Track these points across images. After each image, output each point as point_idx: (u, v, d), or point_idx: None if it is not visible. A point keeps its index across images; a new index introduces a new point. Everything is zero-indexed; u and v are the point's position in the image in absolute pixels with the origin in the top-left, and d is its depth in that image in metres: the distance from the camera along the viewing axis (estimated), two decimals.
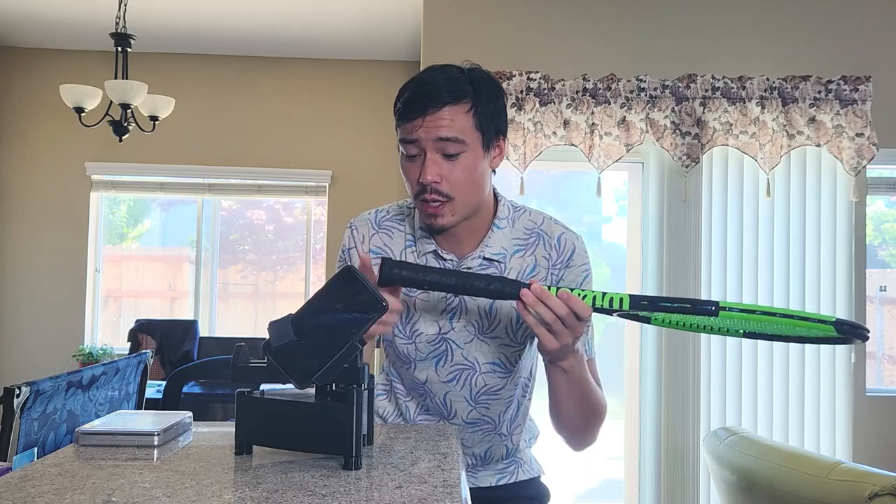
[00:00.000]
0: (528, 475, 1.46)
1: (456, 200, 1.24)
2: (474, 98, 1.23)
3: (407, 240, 1.36)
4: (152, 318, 4.80)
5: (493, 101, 1.26)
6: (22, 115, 4.96)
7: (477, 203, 1.28)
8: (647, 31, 3.54)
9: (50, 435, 1.66)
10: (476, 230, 1.32)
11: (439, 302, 1.32)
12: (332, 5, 4.20)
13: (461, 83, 1.23)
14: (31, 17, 4.47)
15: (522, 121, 3.32)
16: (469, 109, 1.23)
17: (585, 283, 1.35)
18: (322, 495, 0.84)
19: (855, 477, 1.86)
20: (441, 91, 1.21)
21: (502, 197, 1.37)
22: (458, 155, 1.22)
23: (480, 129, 1.24)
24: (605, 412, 1.36)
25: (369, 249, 1.37)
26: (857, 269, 3.46)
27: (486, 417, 1.38)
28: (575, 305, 1.10)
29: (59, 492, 0.84)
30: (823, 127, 3.38)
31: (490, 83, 1.27)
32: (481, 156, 1.25)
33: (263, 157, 5.00)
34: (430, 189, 1.22)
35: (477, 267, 1.32)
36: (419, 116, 1.21)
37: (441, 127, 1.20)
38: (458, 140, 1.21)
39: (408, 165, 1.25)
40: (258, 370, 1.02)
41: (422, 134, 1.21)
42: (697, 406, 3.38)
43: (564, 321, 1.11)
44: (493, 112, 1.26)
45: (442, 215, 1.24)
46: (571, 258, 1.34)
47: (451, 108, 1.21)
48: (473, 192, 1.26)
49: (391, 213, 1.40)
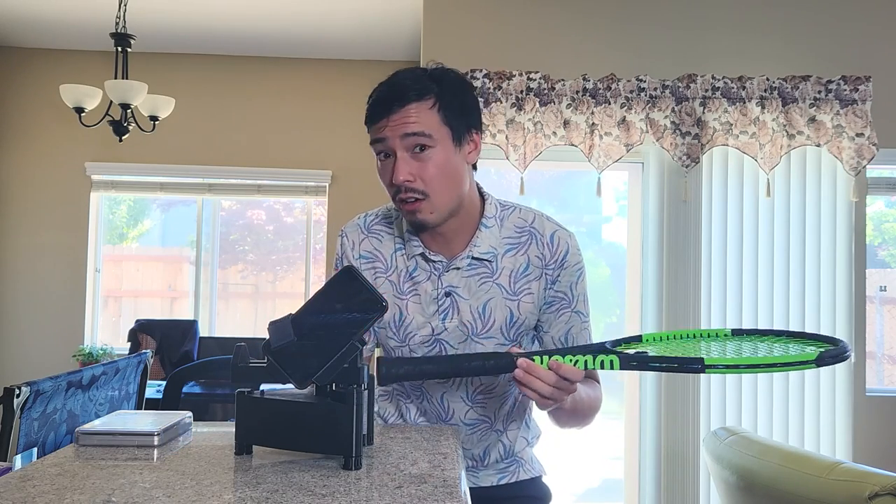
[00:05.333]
0: (529, 475, 1.46)
1: (432, 197, 1.25)
2: (438, 93, 1.25)
3: (396, 243, 1.37)
4: (152, 318, 4.80)
5: (458, 96, 1.27)
6: (22, 115, 4.96)
7: (456, 199, 1.28)
8: (647, 31, 3.54)
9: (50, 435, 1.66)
10: (463, 230, 1.33)
11: (431, 303, 1.32)
12: (332, 5, 4.20)
13: (423, 80, 1.25)
14: (31, 17, 4.47)
15: (522, 121, 3.32)
16: (433, 105, 1.24)
17: (580, 281, 1.36)
18: (322, 495, 0.84)
19: (855, 477, 1.86)
20: (406, 90, 1.23)
21: (489, 195, 1.37)
22: (427, 150, 1.23)
23: (448, 123, 1.25)
24: (600, 404, 1.38)
25: (360, 255, 1.38)
26: (857, 269, 3.46)
27: (483, 416, 1.38)
28: (566, 373, 1.09)
29: (59, 492, 0.84)
30: (823, 127, 3.38)
31: (455, 79, 1.29)
32: (452, 150, 1.26)
33: (263, 157, 5.00)
34: (405, 188, 1.23)
35: (466, 266, 1.32)
36: (384, 116, 1.23)
37: (406, 123, 1.22)
38: (424, 134, 1.23)
39: (381, 167, 1.28)
40: (258, 370, 1.02)
41: (388, 133, 1.23)
42: (697, 406, 3.38)
43: (557, 387, 1.10)
44: (459, 106, 1.27)
45: (420, 211, 1.25)
46: (566, 258, 1.34)
47: (415, 104, 1.23)
48: (448, 187, 1.26)
49: (379, 217, 1.41)
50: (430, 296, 1.32)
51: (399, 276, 1.35)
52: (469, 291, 1.32)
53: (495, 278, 1.33)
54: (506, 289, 1.32)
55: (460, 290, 1.32)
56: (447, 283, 1.32)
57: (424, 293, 1.33)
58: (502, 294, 1.32)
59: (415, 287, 1.33)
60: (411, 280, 1.34)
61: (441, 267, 1.32)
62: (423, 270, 1.33)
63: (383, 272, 1.36)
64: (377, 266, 1.37)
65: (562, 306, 1.35)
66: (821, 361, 0.99)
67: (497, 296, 1.32)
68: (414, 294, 1.33)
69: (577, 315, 1.36)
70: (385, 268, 1.36)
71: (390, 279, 1.35)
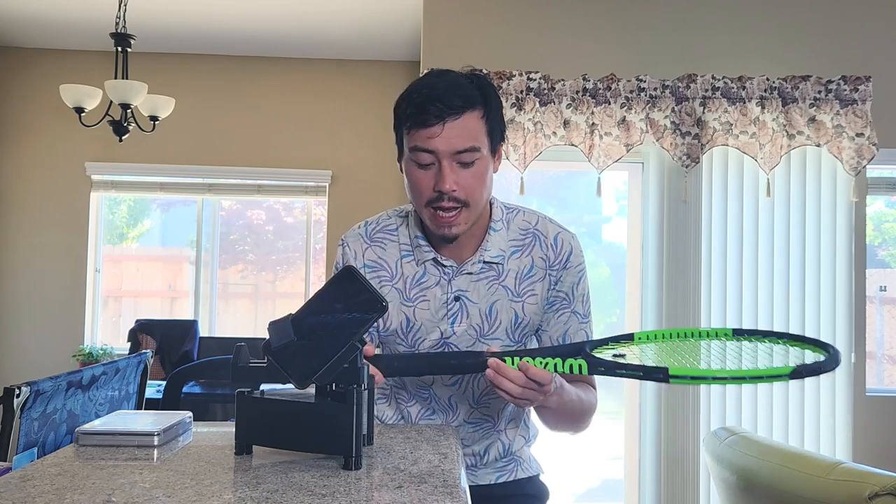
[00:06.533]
0: (527, 473, 1.47)
1: (471, 206, 1.25)
2: (485, 103, 1.25)
3: (402, 250, 1.36)
4: (152, 318, 4.80)
5: (500, 107, 1.29)
6: (22, 115, 4.96)
7: (484, 207, 1.30)
8: (647, 31, 3.54)
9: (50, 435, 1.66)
10: (475, 234, 1.33)
11: (440, 308, 1.33)
12: (333, 5, 4.20)
13: (470, 89, 1.24)
14: (31, 17, 4.47)
15: (522, 121, 3.32)
16: (482, 115, 1.24)
17: (581, 282, 1.37)
18: (322, 495, 0.84)
19: (855, 477, 1.86)
20: (454, 97, 1.21)
21: (495, 199, 1.38)
22: (474, 162, 1.24)
23: (490, 134, 1.26)
24: (595, 408, 1.38)
25: (364, 264, 1.37)
26: (857, 269, 3.46)
27: (486, 416, 1.39)
28: (534, 375, 1.09)
29: (59, 492, 0.84)
30: (823, 127, 3.38)
31: (494, 89, 1.30)
32: (490, 161, 1.28)
33: (263, 157, 5.00)
34: (448, 197, 1.22)
35: (477, 271, 1.33)
36: (437, 124, 1.20)
37: (460, 137, 1.21)
38: (474, 149, 1.23)
39: (419, 174, 1.25)
40: (258, 370, 1.02)
41: (440, 145, 1.21)
42: (697, 406, 3.38)
43: (527, 389, 1.11)
44: (500, 117, 1.28)
45: (457, 224, 1.25)
46: (569, 259, 1.35)
47: (468, 114, 1.22)
48: (484, 196, 1.28)
49: (381, 224, 1.40)
50: (440, 301, 1.33)
51: (406, 283, 1.34)
52: (478, 295, 1.33)
53: (501, 280, 1.33)
54: (511, 290, 1.33)
55: (469, 293, 1.33)
56: (456, 287, 1.33)
57: (434, 298, 1.33)
58: (508, 296, 1.33)
59: (423, 293, 1.34)
60: (419, 286, 1.34)
61: (451, 272, 1.33)
62: (433, 276, 1.33)
63: (388, 280, 1.35)
64: (382, 275, 1.36)
65: (562, 306, 1.36)
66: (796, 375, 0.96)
67: (503, 297, 1.33)
68: (422, 300, 1.33)
69: (575, 315, 1.37)
70: (390, 276, 1.36)
71: (396, 287, 1.35)
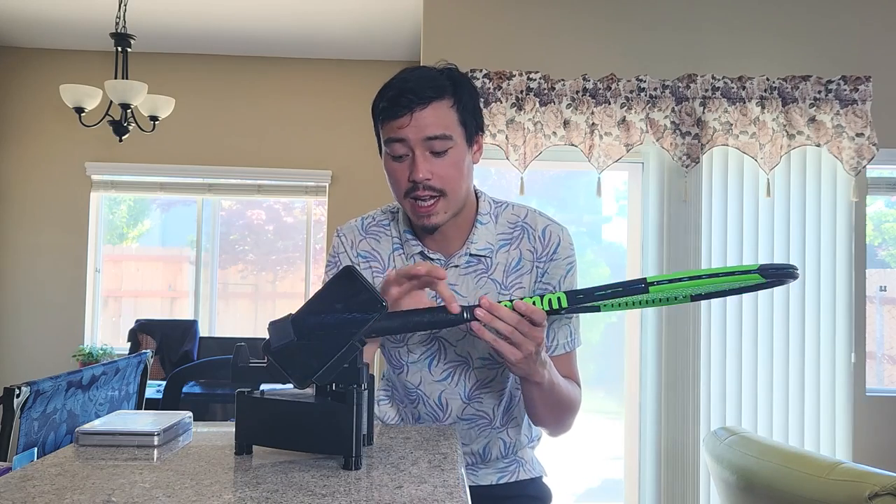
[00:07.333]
0: (529, 475, 1.46)
1: (448, 195, 1.26)
2: (455, 93, 1.26)
3: (394, 243, 1.38)
4: (152, 318, 4.80)
5: (472, 97, 1.30)
6: (22, 115, 4.96)
7: (464, 198, 1.31)
8: (647, 31, 3.54)
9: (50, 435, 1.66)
10: (461, 227, 1.34)
11: (429, 301, 1.32)
12: (333, 5, 4.20)
13: (441, 80, 1.26)
14: (31, 17, 4.47)
15: (522, 121, 3.32)
16: (452, 105, 1.26)
17: (569, 275, 1.36)
18: (322, 495, 0.84)
19: (855, 477, 1.86)
20: (425, 88, 1.23)
21: (482, 193, 1.39)
22: (447, 151, 1.24)
23: (463, 123, 1.27)
24: (579, 406, 1.38)
25: (357, 254, 1.39)
26: (857, 269, 3.46)
27: (480, 412, 1.38)
28: (526, 309, 1.10)
29: (59, 492, 0.84)
30: (823, 127, 3.38)
31: (467, 80, 1.31)
32: (465, 150, 1.28)
33: (263, 157, 5.00)
34: (422, 186, 1.24)
35: (464, 264, 1.34)
36: (406, 114, 1.23)
37: (430, 124, 1.23)
38: (445, 136, 1.24)
39: (395, 166, 1.27)
40: (258, 370, 1.02)
41: (410, 133, 1.23)
42: (697, 406, 3.38)
43: (519, 328, 1.11)
44: (473, 108, 1.30)
45: (435, 213, 1.26)
46: (556, 251, 1.35)
47: (436, 104, 1.24)
48: (461, 186, 1.28)
49: (377, 219, 1.42)
50: (429, 294, 1.32)
51: None
52: (466, 288, 1.33)
53: (490, 274, 1.34)
54: (499, 283, 1.34)
55: (458, 287, 1.33)
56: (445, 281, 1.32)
57: (422, 291, 1.33)
58: (496, 289, 1.33)
59: None
60: None
61: (439, 265, 1.33)
62: None
63: (381, 272, 1.37)
64: (374, 266, 1.38)
65: None
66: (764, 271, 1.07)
67: (491, 290, 1.33)
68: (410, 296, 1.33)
69: None
70: (382, 268, 1.37)
71: None
